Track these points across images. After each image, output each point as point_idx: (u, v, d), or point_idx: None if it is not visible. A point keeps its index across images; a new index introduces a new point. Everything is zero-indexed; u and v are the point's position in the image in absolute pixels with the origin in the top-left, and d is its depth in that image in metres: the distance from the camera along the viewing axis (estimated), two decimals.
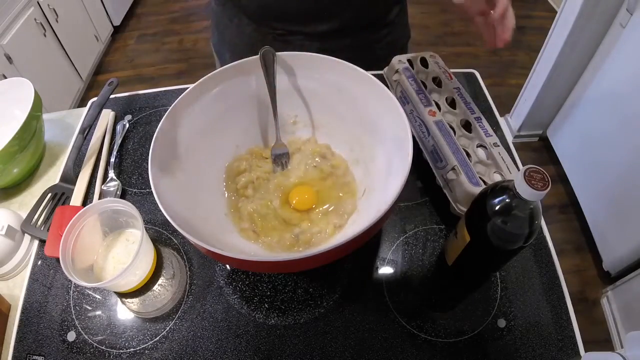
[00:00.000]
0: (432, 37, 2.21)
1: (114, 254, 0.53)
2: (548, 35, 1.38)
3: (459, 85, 0.63)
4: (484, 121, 0.58)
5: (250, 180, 0.56)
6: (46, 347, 0.49)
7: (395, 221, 0.57)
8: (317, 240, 0.51)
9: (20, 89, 0.65)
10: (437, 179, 0.57)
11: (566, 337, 0.48)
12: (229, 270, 0.55)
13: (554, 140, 1.57)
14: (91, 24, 2.02)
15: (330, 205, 0.55)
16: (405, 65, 0.65)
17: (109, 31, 2.23)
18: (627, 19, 1.15)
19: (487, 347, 0.48)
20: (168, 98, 0.75)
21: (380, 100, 0.51)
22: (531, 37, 2.13)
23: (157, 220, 0.59)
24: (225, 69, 0.54)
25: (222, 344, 0.49)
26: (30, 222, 0.58)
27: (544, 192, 0.34)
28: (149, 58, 2.23)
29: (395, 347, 0.48)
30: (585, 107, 1.38)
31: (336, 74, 0.55)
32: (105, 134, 0.69)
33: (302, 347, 0.48)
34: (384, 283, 0.53)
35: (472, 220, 0.43)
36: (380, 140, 0.53)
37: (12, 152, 0.59)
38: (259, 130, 0.61)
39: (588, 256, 1.37)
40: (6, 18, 1.45)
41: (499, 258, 0.46)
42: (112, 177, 0.63)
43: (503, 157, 0.54)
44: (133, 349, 0.49)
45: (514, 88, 1.66)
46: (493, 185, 0.41)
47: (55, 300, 0.53)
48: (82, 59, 1.94)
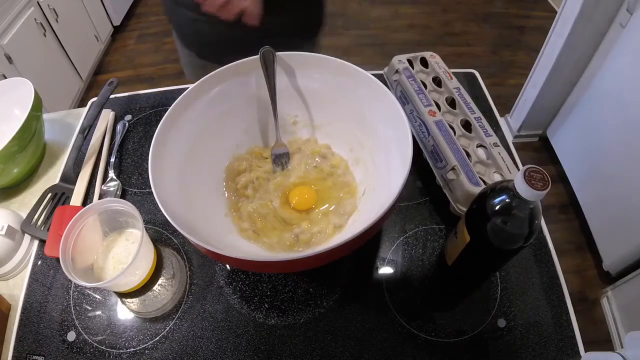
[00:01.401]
0: (432, 37, 2.21)
1: (114, 254, 0.53)
2: (548, 35, 1.38)
3: (459, 85, 0.63)
4: (484, 121, 0.58)
5: (250, 180, 0.56)
6: (46, 347, 0.49)
7: (395, 221, 0.57)
8: (317, 240, 0.51)
9: (20, 89, 0.65)
10: (437, 179, 0.57)
11: (566, 337, 0.48)
12: (229, 270, 0.55)
13: (554, 140, 1.57)
14: (91, 24, 2.02)
15: (330, 205, 0.55)
16: (405, 65, 0.65)
17: (109, 31, 2.23)
18: (627, 19, 1.15)
19: (487, 347, 0.48)
20: (168, 98, 0.75)
21: (380, 100, 0.51)
22: (531, 37, 2.13)
23: (157, 220, 0.59)
24: (225, 69, 0.54)
25: (222, 344, 0.49)
26: (30, 222, 0.58)
27: (544, 192, 0.34)
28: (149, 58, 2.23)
29: (395, 347, 0.48)
30: (585, 107, 1.38)
31: (336, 74, 0.55)
32: (105, 134, 0.69)
33: (302, 347, 0.48)
34: (384, 283, 0.53)
35: (472, 220, 0.43)
36: (380, 140, 0.53)
37: (12, 152, 0.59)
38: (259, 130, 0.61)
39: (588, 256, 1.37)
40: (6, 18, 1.44)
41: (499, 258, 0.46)
42: (112, 177, 0.63)
43: (503, 157, 0.54)
44: (133, 349, 0.49)
45: (514, 88, 1.66)
46: (493, 185, 0.41)
47: (55, 300, 0.53)
48: (82, 59, 1.94)
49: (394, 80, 0.66)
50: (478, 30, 2.22)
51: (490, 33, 2.20)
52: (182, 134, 0.52)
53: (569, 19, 1.25)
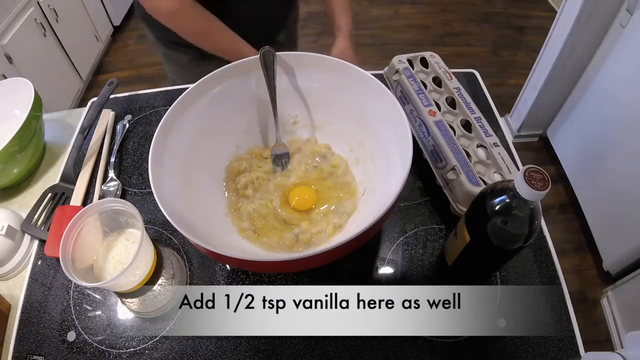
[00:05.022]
0: (432, 37, 2.21)
1: (114, 254, 0.53)
2: (548, 35, 1.38)
3: (459, 85, 0.63)
4: (484, 121, 0.58)
5: (250, 180, 0.56)
6: (46, 347, 0.49)
7: (395, 221, 0.57)
8: (317, 240, 0.51)
9: (20, 89, 0.65)
10: (437, 179, 0.57)
11: (566, 337, 0.48)
12: (229, 270, 0.55)
13: (554, 140, 1.57)
14: (91, 24, 2.02)
15: (330, 205, 0.55)
16: (405, 65, 0.65)
17: (109, 31, 2.23)
18: (627, 19, 1.15)
19: (487, 347, 0.48)
20: (168, 98, 0.75)
21: (380, 100, 0.51)
22: (531, 37, 2.13)
23: (157, 220, 0.59)
24: (225, 69, 0.54)
25: (222, 344, 0.49)
26: (30, 222, 0.58)
27: (544, 192, 0.34)
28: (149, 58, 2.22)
29: (395, 347, 0.48)
30: (585, 107, 1.38)
31: (336, 74, 0.55)
32: (105, 134, 0.69)
33: (302, 347, 0.48)
34: (384, 283, 0.53)
35: (472, 220, 0.43)
36: (380, 140, 0.53)
37: (12, 152, 0.59)
38: (259, 130, 0.61)
39: (588, 256, 1.37)
40: (6, 18, 1.44)
41: (499, 258, 0.46)
42: (112, 177, 0.63)
43: (503, 157, 0.54)
44: (133, 349, 0.49)
45: (514, 88, 1.66)
46: (493, 185, 0.41)
47: (55, 300, 0.53)
48: (82, 59, 1.94)
49: (394, 80, 0.66)
50: (478, 30, 2.22)
51: (490, 33, 2.20)
52: (182, 134, 0.52)
53: (569, 19, 1.25)
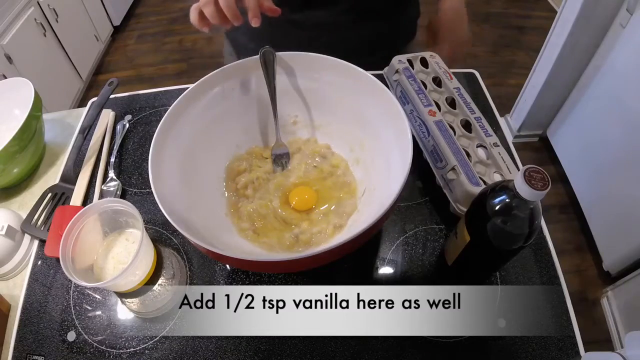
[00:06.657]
0: None
1: (114, 254, 0.53)
2: (548, 35, 1.38)
3: (459, 85, 0.63)
4: (484, 121, 0.58)
5: (250, 180, 0.56)
6: (46, 347, 0.49)
7: (395, 221, 0.57)
8: (317, 240, 0.51)
9: (20, 89, 0.65)
10: (437, 179, 0.57)
11: (566, 337, 0.48)
12: (229, 270, 0.55)
13: (554, 140, 1.57)
14: (91, 24, 2.02)
15: (330, 205, 0.55)
16: (405, 65, 0.65)
17: (109, 31, 2.23)
18: (627, 19, 1.15)
19: (487, 347, 0.48)
20: (168, 98, 0.75)
21: (380, 100, 0.51)
22: (531, 37, 2.13)
23: (157, 220, 0.59)
24: (225, 69, 0.54)
25: (222, 344, 0.49)
26: (30, 222, 0.58)
27: (544, 192, 0.34)
28: (149, 58, 2.23)
29: (395, 347, 0.48)
30: (585, 107, 1.38)
31: (336, 74, 0.55)
32: (105, 134, 0.69)
33: (302, 347, 0.48)
34: (384, 283, 0.52)
35: (472, 220, 0.43)
36: (380, 140, 0.53)
37: (12, 152, 0.59)
38: (259, 130, 0.61)
39: (588, 256, 1.37)
40: (6, 18, 1.45)
41: (499, 258, 0.46)
42: (112, 177, 0.63)
43: (503, 157, 0.54)
44: (133, 349, 0.49)
45: (514, 88, 1.66)
46: (493, 185, 0.41)
47: (55, 300, 0.53)
48: (82, 59, 1.94)
49: (394, 80, 0.66)
50: (478, 30, 2.22)
51: (490, 33, 2.20)
52: (182, 133, 0.52)
53: (569, 19, 1.25)
